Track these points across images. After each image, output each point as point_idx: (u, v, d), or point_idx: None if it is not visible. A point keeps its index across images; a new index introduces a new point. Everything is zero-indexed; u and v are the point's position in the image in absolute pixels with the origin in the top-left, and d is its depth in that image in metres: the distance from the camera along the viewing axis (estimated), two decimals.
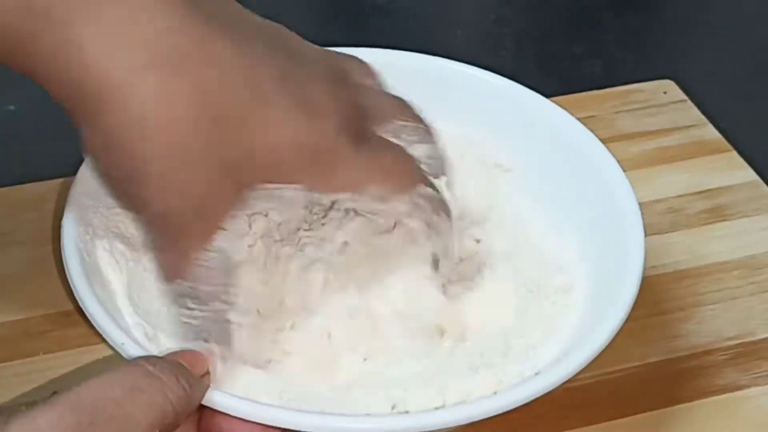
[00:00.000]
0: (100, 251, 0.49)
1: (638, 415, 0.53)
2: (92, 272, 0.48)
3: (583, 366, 0.44)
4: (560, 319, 0.49)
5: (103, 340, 0.45)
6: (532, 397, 0.43)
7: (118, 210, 0.48)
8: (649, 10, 0.88)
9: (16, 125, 0.72)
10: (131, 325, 0.47)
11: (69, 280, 0.47)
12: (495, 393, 0.45)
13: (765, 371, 0.55)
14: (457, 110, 0.57)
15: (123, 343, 0.44)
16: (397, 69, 0.53)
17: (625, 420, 0.52)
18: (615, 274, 0.49)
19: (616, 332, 0.45)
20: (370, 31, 0.84)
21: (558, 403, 0.52)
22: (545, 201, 0.55)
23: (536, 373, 0.45)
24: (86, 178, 0.50)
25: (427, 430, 0.43)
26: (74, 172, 0.51)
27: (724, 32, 0.86)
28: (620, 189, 0.52)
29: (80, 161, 0.50)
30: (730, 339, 0.56)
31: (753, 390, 0.54)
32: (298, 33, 0.48)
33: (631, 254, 0.49)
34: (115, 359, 0.48)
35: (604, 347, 0.45)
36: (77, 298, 0.46)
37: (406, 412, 0.44)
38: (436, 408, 0.45)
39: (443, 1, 0.89)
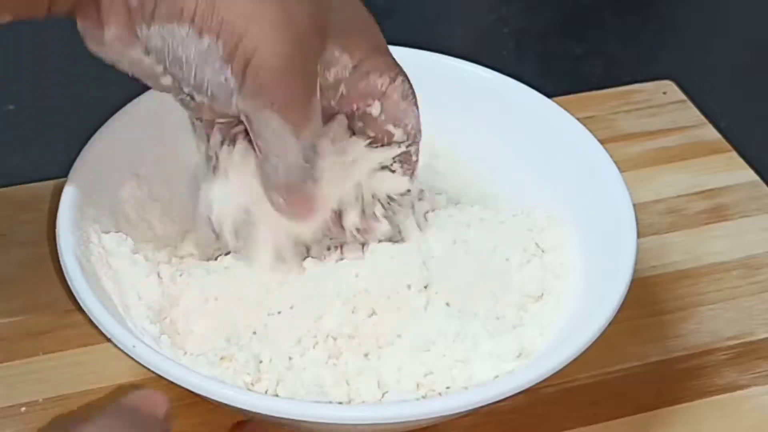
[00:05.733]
0: (94, 257, 0.49)
1: (638, 415, 0.53)
2: (91, 278, 0.48)
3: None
4: (550, 318, 0.50)
5: (108, 340, 0.45)
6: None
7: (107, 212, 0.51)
8: (649, 10, 0.88)
9: (16, 125, 0.72)
10: (133, 328, 0.48)
11: (72, 290, 0.47)
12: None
13: (765, 371, 0.55)
14: (456, 107, 0.57)
15: (134, 346, 0.44)
16: None
17: (625, 420, 0.52)
18: (607, 275, 0.49)
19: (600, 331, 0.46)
20: None
21: (558, 403, 0.52)
22: (543, 198, 0.55)
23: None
24: (77, 182, 0.51)
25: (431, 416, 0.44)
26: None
27: (724, 32, 0.86)
28: (617, 190, 0.52)
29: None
30: (729, 339, 0.56)
31: (753, 390, 0.54)
32: None
33: (623, 256, 0.49)
34: (116, 359, 0.48)
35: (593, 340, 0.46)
36: (83, 306, 0.46)
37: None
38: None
39: (443, 1, 0.89)
